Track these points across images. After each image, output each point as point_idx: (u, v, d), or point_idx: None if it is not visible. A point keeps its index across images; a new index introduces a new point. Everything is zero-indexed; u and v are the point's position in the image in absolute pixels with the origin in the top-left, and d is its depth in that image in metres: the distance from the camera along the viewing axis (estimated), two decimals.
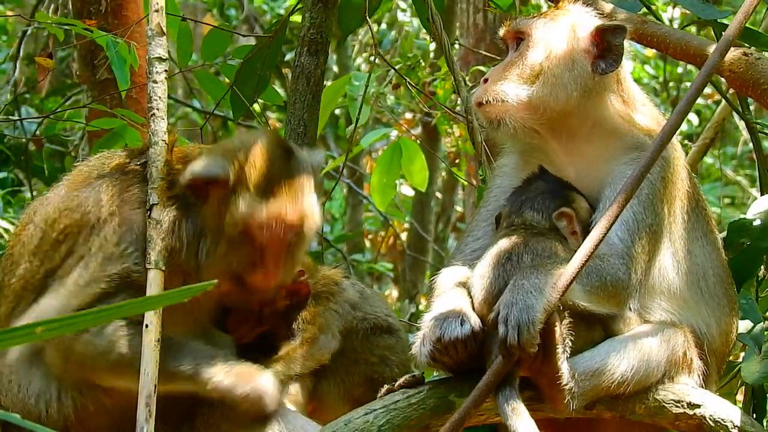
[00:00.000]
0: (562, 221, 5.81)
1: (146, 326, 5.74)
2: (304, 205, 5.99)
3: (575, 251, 5.49)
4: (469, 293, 5.69)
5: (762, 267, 6.77)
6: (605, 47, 5.87)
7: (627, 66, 6.07)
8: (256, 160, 6.01)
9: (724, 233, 6.59)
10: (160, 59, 6.31)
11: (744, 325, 6.35)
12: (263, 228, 5.91)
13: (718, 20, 6.84)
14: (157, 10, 6.38)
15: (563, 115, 5.87)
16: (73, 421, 5.83)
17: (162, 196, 5.92)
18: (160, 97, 6.23)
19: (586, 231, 5.66)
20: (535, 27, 5.94)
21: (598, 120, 5.92)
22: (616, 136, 5.92)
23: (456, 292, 5.74)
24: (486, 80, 5.94)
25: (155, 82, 6.27)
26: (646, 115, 6.03)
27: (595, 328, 5.66)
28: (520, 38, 5.99)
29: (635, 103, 6.03)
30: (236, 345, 6.06)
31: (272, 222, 5.91)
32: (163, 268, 5.85)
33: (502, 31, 6.10)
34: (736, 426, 5.76)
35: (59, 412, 5.83)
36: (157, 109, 6.19)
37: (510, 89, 5.83)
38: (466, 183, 12.36)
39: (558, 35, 5.91)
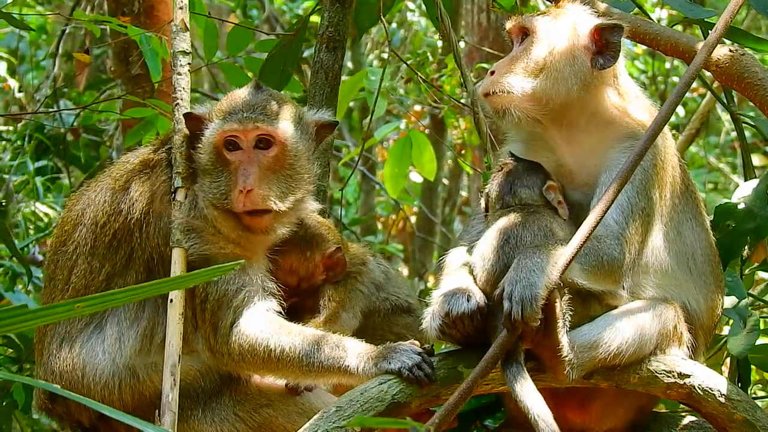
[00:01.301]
0: (551, 193, 5.81)
1: (171, 301, 5.78)
2: (260, 117, 5.97)
3: (564, 219, 5.68)
4: (472, 272, 5.68)
5: (746, 247, 6.75)
6: (603, 44, 5.84)
7: (622, 62, 6.04)
8: (226, 97, 6.14)
9: (711, 216, 6.56)
10: (184, 53, 6.33)
11: (729, 301, 6.34)
12: (223, 144, 5.93)
13: (705, 19, 6.80)
14: (181, 8, 6.39)
15: (564, 107, 5.84)
16: (129, 403, 5.90)
17: (185, 172, 6.02)
18: (183, 88, 6.26)
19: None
20: (540, 24, 5.91)
21: (595, 111, 5.89)
22: (612, 126, 5.90)
23: (462, 272, 5.74)
24: (492, 72, 5.91)
25: (179, 74, 6.29)
26: (640, 107, 6.00)
27: (592, 305, 5.65)
28: (525, 33, 5.95)
29: (629, 95, 6.00)
30: None
31: (229, 136, 5.92)
32: (186, 246, 5.87)
33: (508, 25, 6.06)
34: (723, 394, 5.75)
35: (120, 397, 5.91)
36: (181, 99, 6.22)
37: (516, 81, 5.80)
38: (471, 170, 12.32)
39: (561, 33, 5.88)
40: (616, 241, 5.61)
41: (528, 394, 5.23)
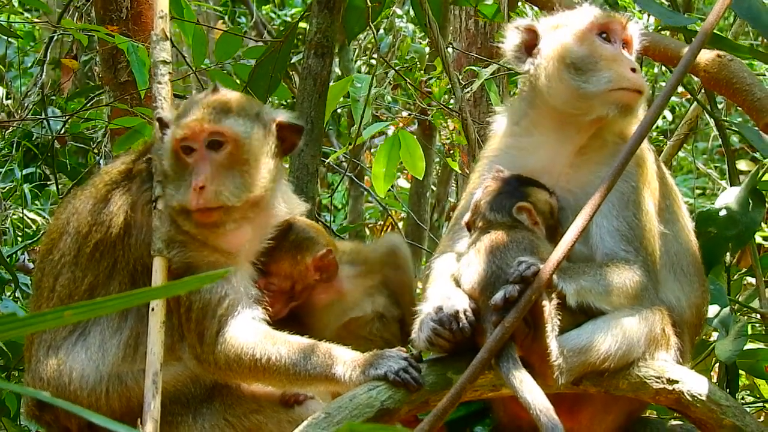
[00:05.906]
0: (522, 214, 5.77)
1: (152, 309, 5.78)
2: (208, 117, 5.96)
3: (544, 238, 5.67)
4: (457, 282, 5.69)
5: (727, 254, 6.77)
6: None
7: None
8: (184, 102, 6.20)
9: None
10: (164, 62, 6.33)
11: (712, 310, 6.36)
12: (180, 149, 5.94)
13: (687, 27, 6.81)
14: (161, 17, 6.40)
15: None
16: (117, 410, 5.89)
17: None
18: (164, 98, 6.25)
19: (554, 219, 5.78)
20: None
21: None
22: (601, 138, 5.97)
23: (449, 280, 5.75)
24: (634, 69, 5.90)
25: (160, 83, 6.28)
26: None
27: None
28: (627, 40, 6.00)
29: None
30: (271, 321, 6.05)
31: (182, 135, 5.92)
32: (169, 255, 5.87)
33: (622, 18, 6.00)
34: (712, 400, 5.75)
35: (108, 404, 5.91)
36: (162, 109, 6.20)
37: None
38: (459, 169, 12.30)
39: None
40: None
41: (527, 388, 5.23)
